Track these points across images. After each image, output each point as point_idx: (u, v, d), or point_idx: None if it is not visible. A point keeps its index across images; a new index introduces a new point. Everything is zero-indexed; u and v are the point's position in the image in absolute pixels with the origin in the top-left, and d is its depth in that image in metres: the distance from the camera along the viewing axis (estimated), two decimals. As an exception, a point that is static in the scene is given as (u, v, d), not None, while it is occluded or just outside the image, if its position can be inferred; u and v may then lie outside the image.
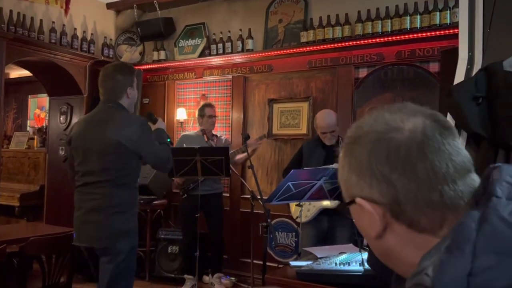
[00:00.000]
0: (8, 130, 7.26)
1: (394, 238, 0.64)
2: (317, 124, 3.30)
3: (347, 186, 0.69)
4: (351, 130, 0.69)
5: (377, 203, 0.63)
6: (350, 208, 0.70)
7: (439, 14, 3.61)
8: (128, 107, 2.48)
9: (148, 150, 2.38)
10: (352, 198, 0.67)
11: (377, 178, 0.63)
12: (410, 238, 0.63)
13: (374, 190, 0.63)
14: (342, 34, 4.03)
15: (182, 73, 5.09)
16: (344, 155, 0.69)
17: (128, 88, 2.44)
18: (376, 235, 0.65)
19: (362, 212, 0.66)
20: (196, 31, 5.03)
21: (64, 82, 4.95)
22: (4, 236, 3.02)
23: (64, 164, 5.04)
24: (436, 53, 3.58)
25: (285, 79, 4.46)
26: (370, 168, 0.63)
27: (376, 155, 0.63)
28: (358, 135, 0.67)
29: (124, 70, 2.47)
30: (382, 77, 3.92)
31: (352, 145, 0.67)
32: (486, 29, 1.86)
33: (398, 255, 0.65)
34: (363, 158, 0.64)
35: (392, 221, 0.63)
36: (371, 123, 0.66)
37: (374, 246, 0.68)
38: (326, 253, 2.10)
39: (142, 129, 2.39)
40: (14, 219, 5.32)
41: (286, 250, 4.31)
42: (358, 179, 0.65)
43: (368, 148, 0.64)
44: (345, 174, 0.68)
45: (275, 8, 4.57)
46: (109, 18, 5.41)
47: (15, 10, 4.34)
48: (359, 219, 0.68)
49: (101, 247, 2.32)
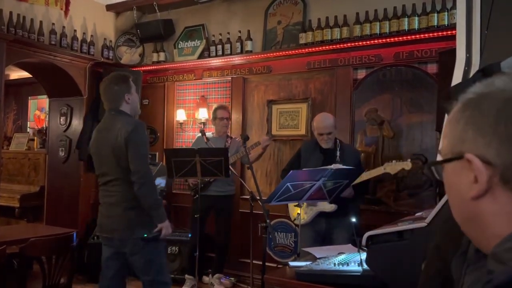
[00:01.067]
0: (8, 131, 7.27)
1: (492, 204, 0.61)
2: (314, 125, 3.31)
3: (456, 141, 0.65)
4: (477, 86, 0.65)
5: (489, 163, 0.60)
6: (446, 166, 0.67)
7: (437, 16, 3.62)
8: (131, 111, 2.71)
9: (133, 151, 2.54)
10: (460, 154, 0.63)
11: (500, 138, 0.59)
12: (510, 208, 0.60)
13: (492, 149, 0.60)
14: (341, 36, 4.05)
15: (181, 74, 5.10)
16: (462, 108, 0.65)
17: (125, 94, 2.66)
18: (475, 195, 0.62)
19: (463, 170, 0.63)
20: (196, 33, 5.04)
21: (64, 83, 4.96)
22: (4, 237, 3.03)
23: (64, 165, 5.08)
24: (434, 54, 3.60)
25: (284, 80, 4.48)
26: (495, 125, 0.60)
27: (508, 114, 0.59)
28: (488, 91, 0.63)
29: (118, 80, 2.69)
30: (380, 78, 3.94)
31: (478, 99, 0.63)
32: (484, 31, 1.87)
33: (487, 223, 0.62)
34: (489, 114, 0.61)
35: (498, 185, 0.60)
36: (506, 81, 0.63)
37: (463, 207, 0.65)
38: (325, 254, 2.11)
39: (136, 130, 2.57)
40: (14, 220, 5.33)
41: (285, 251, 4.32)
42: (475, 135, 0.62)
43: (499, 106, 0.60)
44: (459, 128, 0.64)
45: (274, 10, 4.59)
46: (109, 19, 5.42)
47: (15, 12, 4.35)
48: (456, 176, 0.65)
49: (119, 238, 2.61)
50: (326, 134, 3.23)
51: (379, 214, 3.77)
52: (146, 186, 2.53)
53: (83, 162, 4.95)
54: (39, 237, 2.82)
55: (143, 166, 2.55)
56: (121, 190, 2.59)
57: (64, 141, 5.07)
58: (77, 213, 4.94)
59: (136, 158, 2.54)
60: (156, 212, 2.56)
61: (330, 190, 2.61)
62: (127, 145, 2.53)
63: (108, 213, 2.67)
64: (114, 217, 2.63)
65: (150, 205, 2.55)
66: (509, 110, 0.60)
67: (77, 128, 5.02)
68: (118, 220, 2.60)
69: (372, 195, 3.85)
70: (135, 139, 2.54)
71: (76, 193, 4.97)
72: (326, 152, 3.25)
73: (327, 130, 3.23)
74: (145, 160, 2.60)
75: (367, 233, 1.72)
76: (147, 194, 2.53)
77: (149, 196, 2.55)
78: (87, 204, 5.04)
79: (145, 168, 2.56)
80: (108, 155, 2.59)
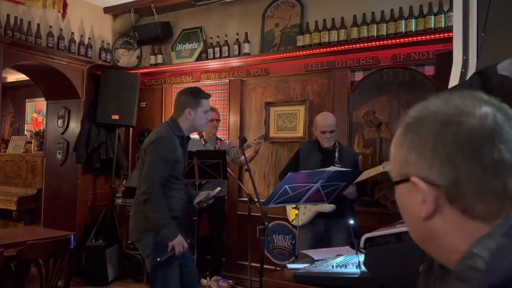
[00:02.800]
0: (6, 134, 7.25)
1: (442, 222, 0.63)
2: (317, 124, 3.30)
3: (402, 164, 0.67)
4: (415, 110, 0.68)
5: (434, 184, 0.62)
6: (397, 188, 0.69)
7: (433, 18, 3.64)
8: (187, 128, 2.65)
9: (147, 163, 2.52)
10: (406, 177, 0.66)
11: (440, 159, 0.62)
12: (460, 224, 0.62)
13: (434, 171, 0.62)
14: (338, 38, 4.06)
15: (179, 77, 5.10)
16: (404, 132, 0.68)
17: (188, 108, 2.60)
18: (425, 216, 0.64)
19: (411, 191, 0.65)
20: (193, 35, 5.05)
21: (62, 86, 4.96)
22: (1, 240, 3.02)
23: (62, 168, 5.06)
24: (431, 56, 3.61)
25: (281, 82, 4.48)
26: (434, 148, 0.62)
27: (444, 136, 0.62)
28: (424, 115, 0.66)
29: (188, 93, 2.66)
30: (378, 80, 3.95)
31: (417, 123, 0.66)
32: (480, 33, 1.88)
33: (442, 240, 0.64)
34: (428, 137, 0.63)
35: (445, 204, 0.62)
36: (440, 104, 0.65)
37: (418, 228, 0.67)
38: (323, 256, 2.11)
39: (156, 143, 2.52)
40: (12, 222, 5.31)
41: (283, 253, 4.32)
42: (418, 158, 0.64)
43: (435, 128, 0.63)
44: (403, 151, 0.67)
45: (272, 12, 4.60)
46: (107, 22, 5.42)
47: (13, 15, 4.35)
48: (405, 198, 0.68)
49: (130, 240, 2.75)
50: (329, 132, 3.23)
51: (377, 216, 3.77)
52: (149, 202, 2.47)
53: (81, 164, 4.94)
54: (37, 240, 2.81)
55: (149, 181, 2.48)
56: (137, 193, 2.61)
57: (62, 144, 5.06)
58: (75, 216, 4.93)
59: (146, 171, 2.50)
60: (162, 231, 2.46)
61: (328, 192, 2.61)
62: (146, 154, 2.54)
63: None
64: (130, 220, 2.69)
65: (154, 222, 2.48)
66: (445, 133, 0.62)
67: (74, 130, 5.01)
68: (131, 223, 2.65)
69: (370, 197, 3.86)
70: (152, 152, 2.50)
71: (74, 196, 4.96)
72: (325, 152, 3.26)
73: (330, 128, 3.24)
74: (154, 176, 2.49)
75: (365, 235, 1.72)
76: (150, 210, 2.48)
77: (152, 213, 2.47)
78: (85, 207, 5.03)
79: (150, 184, 2.47)
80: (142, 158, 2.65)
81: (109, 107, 4.81)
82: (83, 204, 5.00)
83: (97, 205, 5.07)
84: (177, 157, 2.56)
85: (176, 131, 2.60)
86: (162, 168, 2.50)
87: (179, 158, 2.58)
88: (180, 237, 2.48)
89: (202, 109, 2.62)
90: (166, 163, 2.51)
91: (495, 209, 0.61)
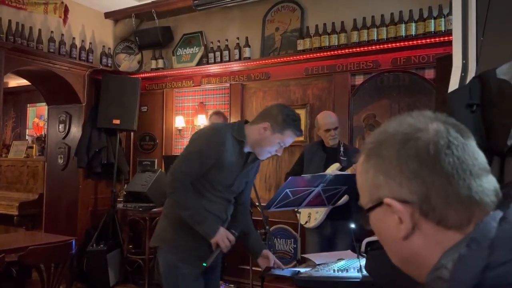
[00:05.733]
0: (7, 139, 7.27)
1: (421, 238, 0.64)
2: (320, 123, 3.29)
3: (372, 189, 0.69)
4: (372, 136, 0.71)
5: (407, 201, 0.64)
6: (371, 215, 0.70)
7: (433, 22, 3.65)
8: (251, 140, 2.11)
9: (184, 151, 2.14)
10: (379, 200, 0.67)
11: (407, 176, 0.64)
12: (438, 237, 0.63)
13: (404, 189, 0.64)
14: (338, 42, 4.07)
15: (180, 81, 5.12)
16: (366, 159, 0.70)
17: (267, 122, 2.08)
18: (404, 235, 0.65)
19: (386, 214, 0.66)
20: (194, 40, 5.06)
21: (63, 91, 4.97)
22: (3, 245, 3.02)
23: (63, 173, 5.07)
24: (432, 60, 3.62)
25: (282, 86, 4.49)
26: (399, 166, 0.64)
27: (405, 153, 0.64)
28: (383, 138, 0.68)
29: (284, 110, 2.12)
30: (378, 84, 3.96)
31: (377, 147, 0.69)
32: (480, 37, 1.89)
33: (423, 257, 0.65)
34: (391, 158, 0.66)
35: (421, 219, 0.64)
36: (395, 126, 0.68)
37: (398, 250, 0.68)
38: (325, 260, 2.11)
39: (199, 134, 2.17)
40: (13, 228, 5.32)
41: (285, 257, 4.32)
42: (386, 179, 0.66)
43: (396, 148, 0.65)
44: (370, 177, 0.69)
45: (272, 17, 4.62)
46: (108, 27, 5.44)
47: (14, 20, 4.37)
48: (381, 223, 0.69)
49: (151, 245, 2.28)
50: (334, 129, 3.24)
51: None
52: (173, 199, 2.09)
53: (82, 169, 4.94)
54: (38, 245, 2.82)
55: (175, 174, 2.04)
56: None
57: (63, 149, 5.07)
58: (76, 221, 4.93)
59: (175, 163, 2.06)
60: (198, 229, 2.04)
61: (329, 196, 2.61)
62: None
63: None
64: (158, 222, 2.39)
65: (186, 219, 2.06)
66: (406, 150, 0.65)
67: (75, 135, 5.02)
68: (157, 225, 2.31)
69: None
70: (192, 142, 2.12)
71: (75, 201, 4.96)
72: (329, 151, 3.27)
73: (333, 125, 3.24)
74: (183, 170, 2.03)
75: (366, 239, 1.72)
76: (179, 209, 2.08)
77: (181, 211, 2.06)
78: (86, 212, 5.03)
79: (175, 177, 2.04)
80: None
81: (110, 111, 4.82)
82: (84, 208, 5.00)
83: (98, 209, 5.07)
84: (222, 159, 2.05)
85: (236, 133, 2.11)
86: (195, 163, 2.02)
87: (226, 162, 2.06)
88: (222, 231, 2.04)
89: (280, 136, 2.09)
90: (202, 159, 2.03)
91: (466, 216, 0.63)
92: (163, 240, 2.14)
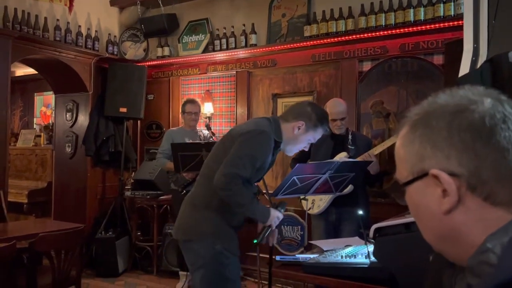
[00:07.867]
0: (15, 127, 7.32)
1: (464, 214, 0.62)
2: (328, 111, 3.27)
3: (415, 161, 0.66)
4: (419, 108, 0.68)
5: (454, 174, 0.62)
6: (409, 188, 0.68)
7: (443, 6, 3.59)
8: (285, 139, 2.15)
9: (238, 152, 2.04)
10: (422, 172, 0.65)
11: (457, 148, 0.62)
12: (482, 214, 0.61)
13: (452, 161, 0.62)
14: (346, 28, 4.02)
15: (186, 69, 5.10)
16: (412, 130, 0.67)
17: (301, 121, 2.14)
18: (447, 209, 0.63)
19: (428, 187, 0.64)
20: (200, 27, 5.03)
21: (69, 79, 4.98)
22: (14, 232, 3.07)
23: (71, 161, 5.10)
24: (440, 45, 3.57)
25: (289, 73, 4.46)
26: (450, 138, 0.62)
27: (458, 124, 0.62)
28: (432, 109, 0.66)
29: (317, 109, 2.22)
30: (386, 70, 3.91)
31: (426, 118, 0.66)
32: (491, 21, 1.85)
33: (463, 234, 0.63)
34: (441, 129, 0.63)
35: (467, 194, 0.62)
36: (446, 98, 0.66)
37: (436, 226, 0.66)
38: (332, 246, 2.12)
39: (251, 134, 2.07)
40: (23, 215, 5.39)
41: (292, 244, 4.33)
42: (433, 150, 0.64)
43: (447, 119, 0.63)
44: (415, 148, 0.66)
45: (278, 3, 4.56)
46: (113, 15, 5.42)
47: (20, 9, 4.36)
48: (421, 197, 0.66)
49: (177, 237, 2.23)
50: (340, 120, 3.22)
51: (386, 206, 3.76)
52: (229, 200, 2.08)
53: (90, 157, 4.97)
54: (49, 232, 2.85)
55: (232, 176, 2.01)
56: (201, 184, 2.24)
57: (71, 137, 5.10)
58: (85, 208, 4.98)
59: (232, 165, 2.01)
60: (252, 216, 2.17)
61: (336, 183, 2.61)
62: (235, 143, 2.06)
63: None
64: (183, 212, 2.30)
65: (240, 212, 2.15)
66: (458, 121, 0.62)
67: (83, 123, 5.04)
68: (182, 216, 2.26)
69: (379, 187, 3.85)
70: (245, 144, 2.04)
71: (84, 189, 5.00)
72: (337, 138, 3.25)
73: (340, 116, 3.22)
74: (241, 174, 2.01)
75: (374, 225, 1.72)
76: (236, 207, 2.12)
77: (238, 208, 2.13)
78: (95, 199, 5.07)
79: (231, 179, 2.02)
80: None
81: (117, 100, 4.83)
82: (92, 196, 5.04)
83: (106, 197, 5.11)
84: (264, 162, 2.10)
85: (275, 135, 2.13)
86: (249, 167, 2.03)
87: (266, 163, 2.12)
88: (273, 212, 2.14)
89: (313, 134, 2.17)
90: (254, 164, 2.04)
91: None
92: (202, 233, 2.12)
